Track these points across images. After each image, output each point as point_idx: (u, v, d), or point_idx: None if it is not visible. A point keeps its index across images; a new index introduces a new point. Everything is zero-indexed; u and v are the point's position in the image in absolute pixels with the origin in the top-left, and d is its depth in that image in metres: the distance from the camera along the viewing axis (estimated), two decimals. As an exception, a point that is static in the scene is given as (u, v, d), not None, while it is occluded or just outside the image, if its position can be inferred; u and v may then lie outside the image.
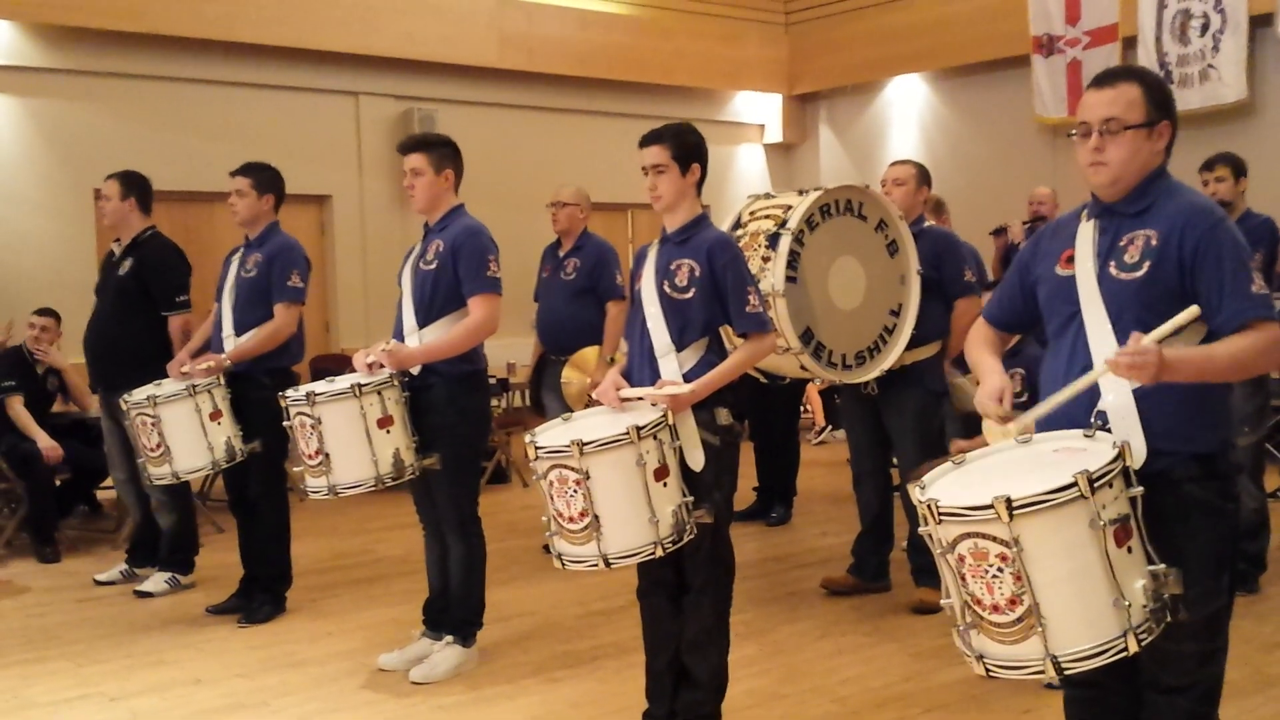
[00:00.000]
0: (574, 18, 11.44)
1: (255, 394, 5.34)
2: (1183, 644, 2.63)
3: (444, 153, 4.72)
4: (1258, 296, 2.62)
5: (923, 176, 5.61)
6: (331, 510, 7.64)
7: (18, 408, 7.01)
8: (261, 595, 5.57)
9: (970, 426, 5.83)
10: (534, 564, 6.30)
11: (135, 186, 6.10)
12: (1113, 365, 2.53)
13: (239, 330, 5.43)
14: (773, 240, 5.04)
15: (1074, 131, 2.80)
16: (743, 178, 13.00)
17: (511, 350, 8.96)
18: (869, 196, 5.32)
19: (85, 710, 4.45)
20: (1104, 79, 2.81)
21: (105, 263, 6.33)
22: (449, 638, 4.78)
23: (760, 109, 13.21)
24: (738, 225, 5.33)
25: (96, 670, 4.89)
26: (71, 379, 7.32)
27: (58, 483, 7.24)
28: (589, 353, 6.42)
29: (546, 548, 3.70)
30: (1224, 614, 2.72)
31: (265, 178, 5.55)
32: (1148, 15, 10.21)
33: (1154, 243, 2.69)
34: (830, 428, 10.78)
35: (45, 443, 6.88)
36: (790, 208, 5.15)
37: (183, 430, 5.30)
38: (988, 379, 2.89)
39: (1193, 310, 2.59)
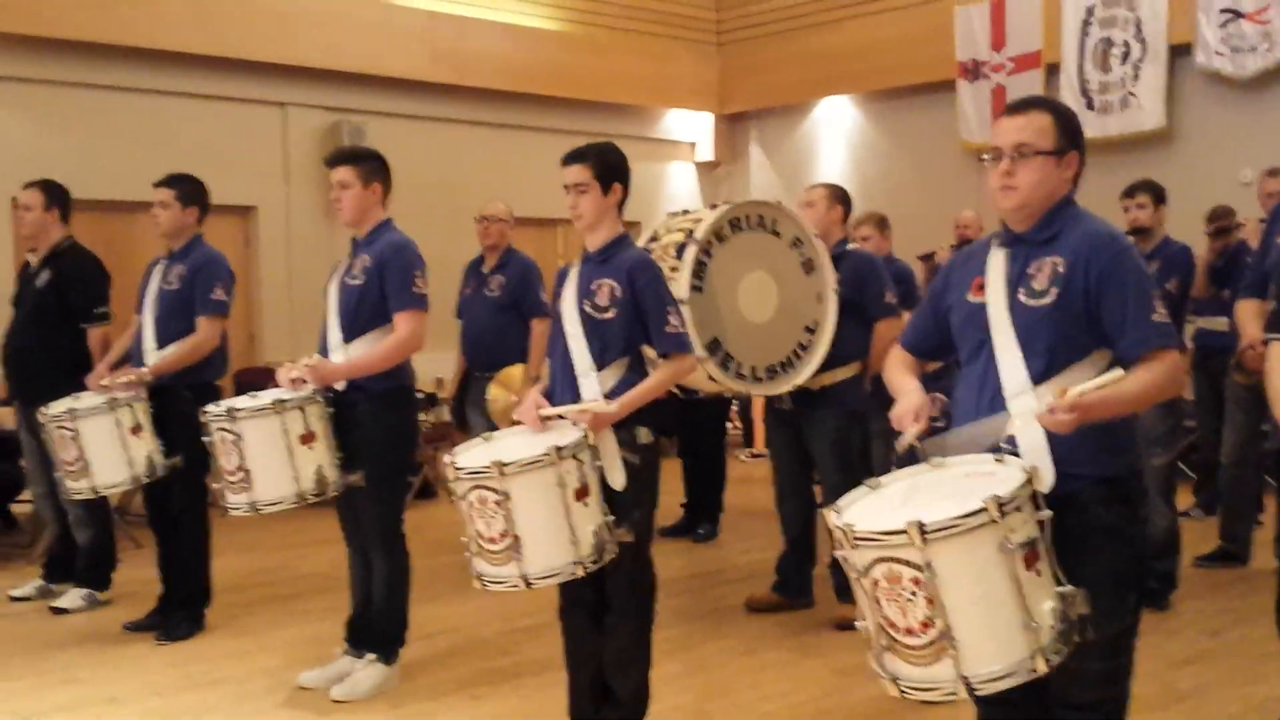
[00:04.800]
0: (506, 32, 11.44)
1: (177, 408, 5.27)
2: (1089, 662, 2.68)
3: (372, 166, 4.70)
4: (1160, 325, 2.70)
5: (835, 197, 5.66)
6: (252, 525, 7.48)
7: None
8: (180, 612, 5.50)
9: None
10: (458, 580, 6.18)
11: (57, 196, 6.02)
12: (1042, 419, 2.60)
13: (161, 343, 5.36)
14: (679, 250, 5.09)
15: (986, 156, 2.88)
16: (674, 195, 13.05)
17: (440, 365, 8.89)
18: (782, 213, 5.38)
19: (-6, 730, 4.37)
20: (1017, 107, 2.89)
21: (22, 273, 6.21)
22: (371, 655, 4.75)
23: (691, 127, 13.28)
24: (653, 240, 5.38)
25: (7, 687, 4.80)
26: None
27: (-30, 496, 7.09)
28: (514, 370, 6.43)
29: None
30: (1130, 633, 2.79)
31: (190, 190, 5.49)
32: (1070, 43, 10.45)
33: (1060, 269, 2.76)
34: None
35: None
36: (700, 220, 5.22)
37: (102, 444, 5.22)
38: (905, 397, 2.94)
39: (1117, 373, 2.65)
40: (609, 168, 3.84)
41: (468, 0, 11.29)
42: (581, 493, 3.56)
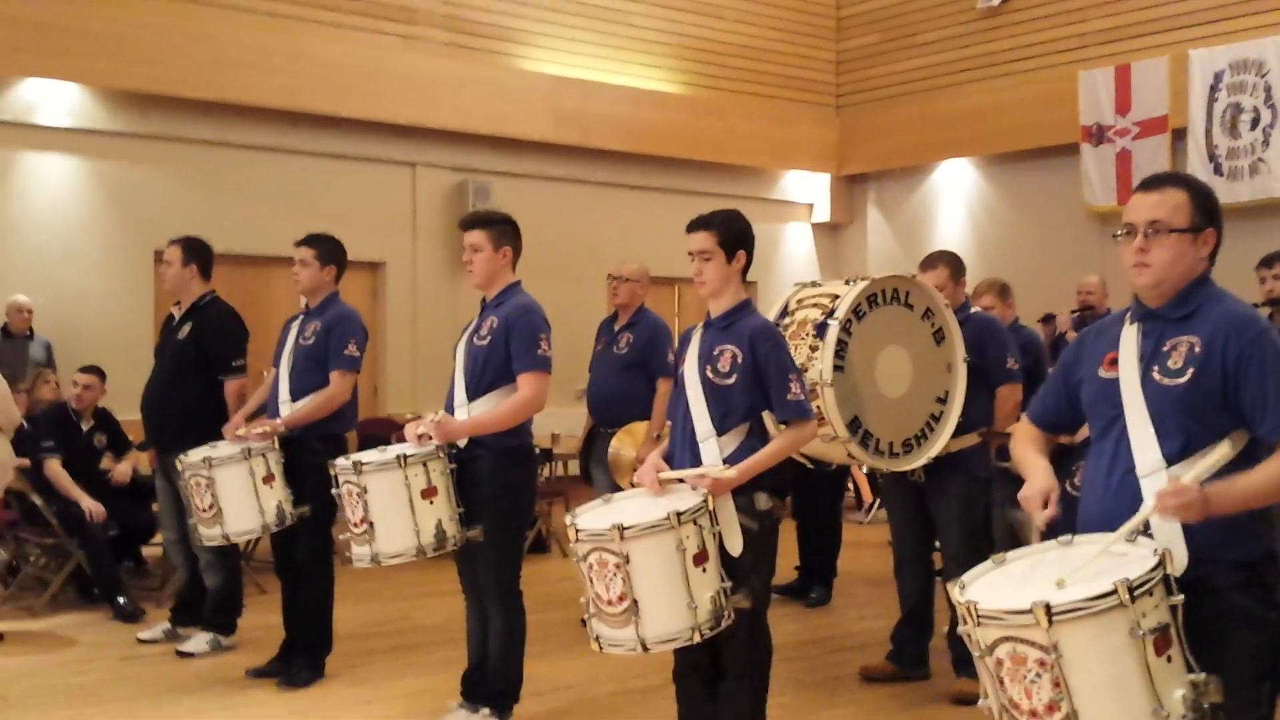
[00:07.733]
0: (628, 95, 11.65)
1: (307, 459, 5.42)
2: (1221, 752, 2.62)
3: (503, 230, 4.81)
4: None
5: (956, 270, 5.63)
6: (371, 575, 7.63)
7: (56, 469, 7.04)
8: (301, 659, 5.61)
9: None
10: (572, 637, 6.29)
11: (197, 253, 6.23)
12: (1159, 509, 2.57)
13: (295, 396, 5.53)
14: (820, 330, 5.07)
15: (1119, 232, 2.85)
16: (790, 256, 13.10)
17: (557, 420, 9.01)
18: (915, 285, 5.36)
19: (125, 769, 4.49)
20: (1151, 183, 2.86)
21: (165, 326, 6.45)
22: (485, 709, 4.80)
23: (809, 188, 13.33)
24: (785, 313, 5.38)
25: (136, 729, 4.95)
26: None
27: (107, 538, 7.33)
28: (639, 426, 6.48)
29: (585, 620, 3.72)
30: (1265, 722, 2.72)
31: (328, 249, 5.68)
32: (1198, 108, 10.28)
33: (1197, 350, 2.72)
34: (879, 503, 10.67)
35: (87, 503, 6.92)
36: (837, 297, 5.20)
37: (236, 493, 5.39)
38: (1033, 478, 2.91)
39: (1225, 449, 2.63)
40: (734, 235, 3.89)
41: (592, 65, 11.54)
42: (700, 558, 3.58)
